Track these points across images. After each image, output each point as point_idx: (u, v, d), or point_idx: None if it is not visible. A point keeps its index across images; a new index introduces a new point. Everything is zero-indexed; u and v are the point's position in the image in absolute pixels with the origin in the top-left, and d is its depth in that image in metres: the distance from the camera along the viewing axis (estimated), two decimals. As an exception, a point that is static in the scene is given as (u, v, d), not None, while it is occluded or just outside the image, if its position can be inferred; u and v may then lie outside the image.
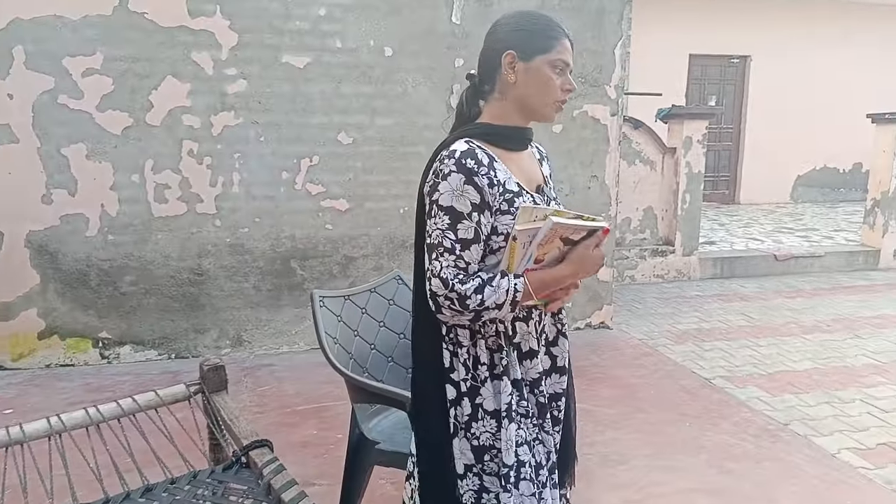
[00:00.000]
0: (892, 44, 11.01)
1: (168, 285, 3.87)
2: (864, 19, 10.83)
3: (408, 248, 4.19)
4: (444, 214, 1.24)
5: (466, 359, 1.33)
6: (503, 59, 1.32)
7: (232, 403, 2.00)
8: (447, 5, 3.99)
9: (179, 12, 3.62)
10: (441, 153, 1.28)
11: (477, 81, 1.39)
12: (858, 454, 2.87)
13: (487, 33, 1.38)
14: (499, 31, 1.36)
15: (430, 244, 1.26)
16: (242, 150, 3.84)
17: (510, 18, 1.37)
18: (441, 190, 1.24)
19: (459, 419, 1.34)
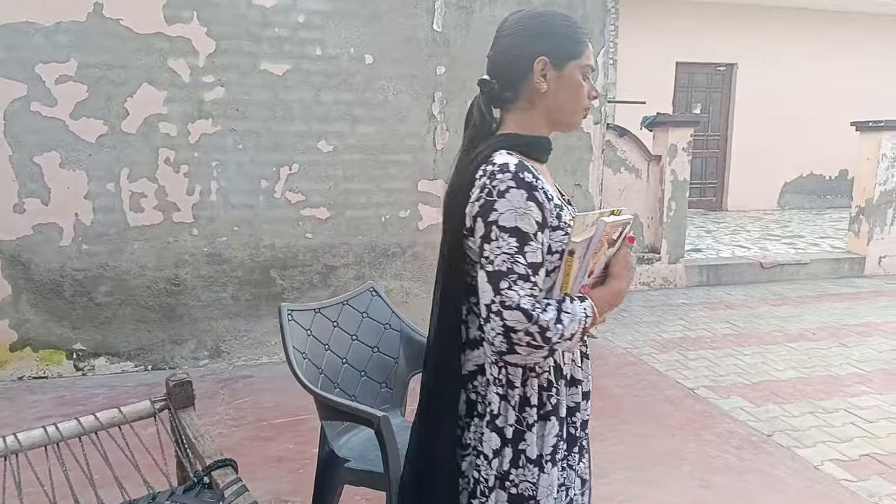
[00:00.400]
0: (876, 53, 11.11)
1: (144, 295, 3.80)
2: (849, 29, 10.93)
3: (389, 257, 4.14)
4: (510, 236, 1.08)
5: (517, 402, 1.19)
6: (535, 65, 1.20)
7: (198, 420, 1.94)
8: (428, 13, 3.96)
9: (155, 19, 3.57)
10: (485, 168, 1.14)
11: (496, 88, 1.24)
12: (841, 466, 2.84)
13: (505, 34, 1.24)
14: (524, 33, 1.22)
15: (496, 272, 1.08)
16: (220, 158, 3.78)
17: (536, 20, 1.23)
18: (499, 209, 1.09)
19: (500, 470, 1.19)
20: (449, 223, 1.19)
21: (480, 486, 1.21)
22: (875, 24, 11.03)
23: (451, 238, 1.19)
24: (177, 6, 3.59)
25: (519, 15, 1.26)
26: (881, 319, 5.14)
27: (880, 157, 6.60)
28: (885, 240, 6.81)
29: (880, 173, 6.65)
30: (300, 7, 3.77)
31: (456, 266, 1.20)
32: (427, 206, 4.17)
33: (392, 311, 2.27)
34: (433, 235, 4.19)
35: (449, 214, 1.19)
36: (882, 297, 5.90)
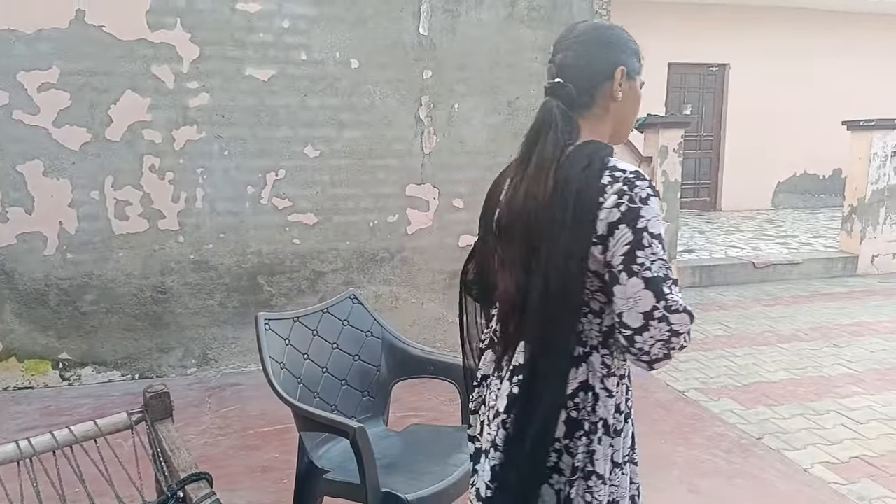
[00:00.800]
0: (867, 53, 11.12)
1: (130, 304, 3.77)
2: (840, 29, 10.95)
3: (378, 262, 4.12)
4: (658, 243, 1.08)
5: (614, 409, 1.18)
6: (616, 73, 1.22)
7: (176, 432, 1.91)
8: (414, 17, 3.94)
9: (139, 25, 3.55)
10: (614, 175, 1.11)
11: (573, 93, 1.21)
12: (831, 468, 2.82)
13: (581, 41, 1.24)
14: (603, 41, 1.24)
15: (655, 278, 1.06)
16: (206, 164, 3.76)
17: (611, 31, 1.27)
18: (646, 216, 1.08)
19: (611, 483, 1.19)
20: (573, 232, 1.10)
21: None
22: (865, 24, 11.05)
23: (576, 246, 1.11)
24: (160, 12, 3.56)
25: (590, 24, 1.29)
26: (873, 319, 5.13)
27: (872, 156, 6.60)
28: (877, 238, 6.81)
29: (872, 172, 6.64)
30: (285, 12, 3.75)
31: (576, 277, 1.12)
32: (415, 211, 4.14)
33: (374, 318, 2.25)
34: (422, 240, 4.17)
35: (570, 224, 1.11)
36: (874, 296, 5.89)
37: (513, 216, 1.21)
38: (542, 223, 1.13)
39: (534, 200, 1.15)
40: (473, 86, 4.11)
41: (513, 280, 1.19)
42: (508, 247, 1.22)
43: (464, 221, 4.24)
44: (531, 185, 1.16)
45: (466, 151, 4.18)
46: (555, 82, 1.23)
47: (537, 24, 4.14)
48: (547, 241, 1.13)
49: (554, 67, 1.25)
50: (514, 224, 1.20)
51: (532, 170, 1.18)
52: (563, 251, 1.11)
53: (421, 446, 2.02)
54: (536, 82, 4.19)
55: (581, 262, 1.11)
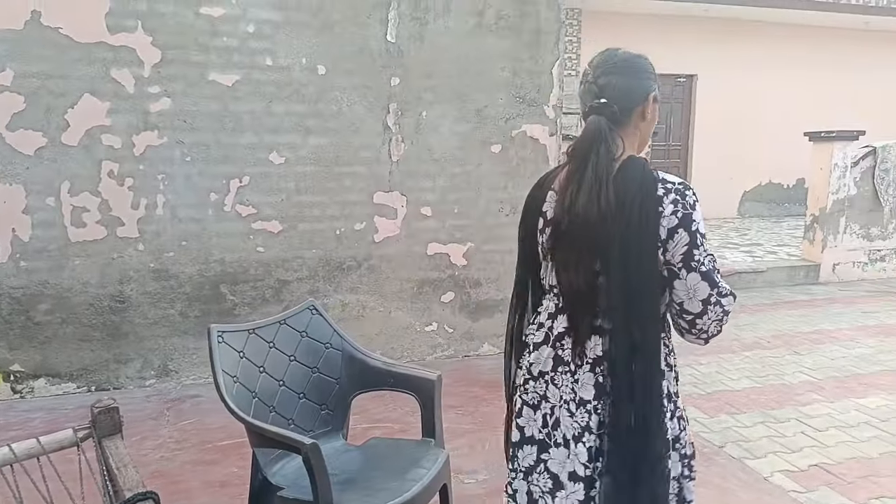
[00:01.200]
0: (831, 65, 11.43)
1: (87, 313, 3.66)
2: (804, 42, 11.23)
3: (345, 271, 4.07)
4: (706, 241, 1.33)
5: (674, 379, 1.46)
6: (650, 95, 1.42)
7: (125, 449, 1.85)
8: (381, 24, 3.92)
9: (97, 28, 3.46)
10: (667, 186, 1.31)
11: (617, 112, 1.39)
12: (790, 476, 2.85)
13: (622, 67, 1.42)
14: (640, 70, 1.44)
15: (709, 271, 1.31)
16: (167, 170, 3.68)
17: (643, 60, 1.46)
18: (696, 219, 1.31)
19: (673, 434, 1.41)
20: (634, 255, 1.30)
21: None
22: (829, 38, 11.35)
23: (646, 249, 1.30)
24: (120, 15, 3.48)
25: (626, 53, 1.45)
26: (833, 326, 5.24)
27: (832, 166, 6.76)
28: (837, 247, 6.97)
29: (833, 182, 6.80)
30: (250, 16, 3.69)
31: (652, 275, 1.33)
32: (383, 219, 4.11)
33: (333, 329, 2.20)
34: (389, 248, 4.14)
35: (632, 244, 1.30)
36: (835, 303, 6.02)
37: (575, 222, 1.34)
38: (610, 230, 1.30)
39: (597, 209, 1.30)
40: (441, 94, 4.10)
41: (581, 278, 1.35)
42: (570, 248, 1.37)
43: (432, 229, 4.22)
44: (591, 194, 1.31)
45: (434, 159, 4.16)
46: (601, 102, 1.39)
47: (505, 34, 4.15)
48: (618, 245, 1.31)
49: (596, 88, 1.41)
50: (577, 229, 1.34)
51: (589, 180, 1.32)
52: (636, 253, 1.30)
53: (380, 461, 1.98)
54: (504, 91, 4.20)
55: (653, 261, 1.31)
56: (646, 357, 1.33)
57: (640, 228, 1.29)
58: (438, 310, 4.32)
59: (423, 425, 2.10)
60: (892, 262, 7.26)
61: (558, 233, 1.39)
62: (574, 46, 10.18)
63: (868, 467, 2.94)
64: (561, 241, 1.39)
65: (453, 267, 4.31)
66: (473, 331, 4.41)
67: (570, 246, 1.37)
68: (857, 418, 3.47)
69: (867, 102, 11.56)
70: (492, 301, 4.41)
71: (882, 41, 11.73)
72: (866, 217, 7.13)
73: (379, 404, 3.52)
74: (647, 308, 1.33)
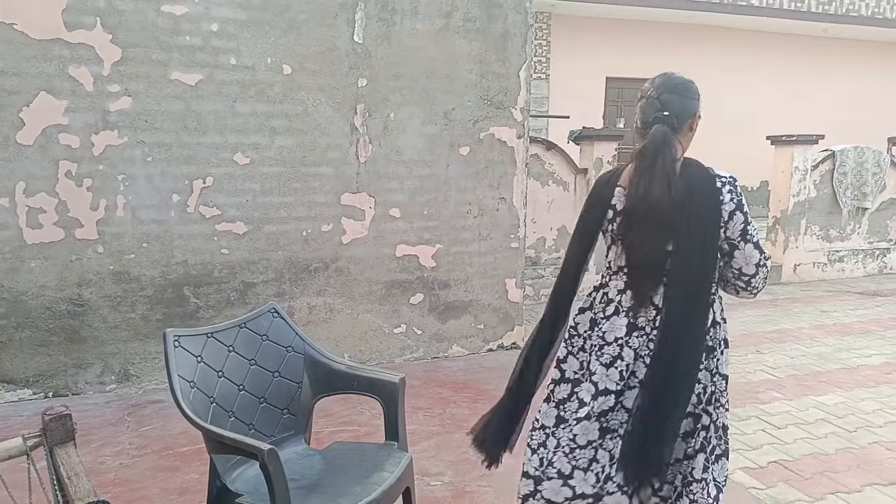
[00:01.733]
0: (790, 70, 11.73)
1: (44, 318, 3.56)
2: (769, 48, 11.50)
3: (312, 273, 4.03)
4: (751, 219, 1.75)
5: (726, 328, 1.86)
6: (697, 113, 1.83)
7: (77, 458, 1.80)
8: (348, 24, 3.89)
9: (54, 24, 3.37)
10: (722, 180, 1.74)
11: (675, 123, 1.76)
12: (750, 474, 2.91)
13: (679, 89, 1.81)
14: (691, 92, 1.82)
15: (757, 242, 1.76)
16: (128, 171, 3.60)
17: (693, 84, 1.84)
18: (745, 204, 1.74)
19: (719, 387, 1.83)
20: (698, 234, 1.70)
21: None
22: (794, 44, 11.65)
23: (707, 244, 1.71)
24: (77, 11, 3.40)
25: (681, 77, 1.84)
26: (794, 325, 5.36)
27: (793, 170, 6.94)
28: (799, 248, 7.15)
29: (794, 185, 6.98)
30: (213, 15, 3.63)
31: (714, 250, 1.73)
32: (351, 220, 4.08)
33: (295, 332, 2.18)
34: (357, 249, 4.11)
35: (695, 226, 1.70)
36: (796, 303, 6.17)
37: (648, 209, 1.70)
38: (682, 214, 1.69)
39: (669, 199, 1.68)
40: (409, 95, 4.09)
41: (651, 253, 1.73)
42: (643, 230, 1.73)
43: (401, 231, 4.20)
44: (662, 187, 1.68)
45: (403, 161, 4.15)
46: (664, 114, 1.76)
47: (473, 36, 4.16)
48: (688, 226, 1.69)
49: (658, 103, 1.78)
50: (650, 214, 1.70)
51: (659, 176, 1.69)
52: (703, 231, 1.70)
53: (342, 465, 1.96)
54: (472, 93, 4.21)
55: (717, 237, 1.72)
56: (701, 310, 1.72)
57: (708, 213, 1.70)
58: (407, 312, 4.31)
59: (387, 428, 2.08)
60: (850, 262, 7.48)
61: (630, 219, 1.76)
62: (544, 50, 10.27)
63: (825, 463, 3.01)
64: (633, 225, 1.75)
65: (422, 268, 4.30)
66: (442, 332, 4.41)
67: (643, 228, 1.73)
68: (814, 415, 3.55)
69: (826, 107, 11.89)
70: (461, 302, 4.41)
71: (840, 48, 12.08)
72: (826, 219, 7.33)
73: (346, 407, 3.50)
74: (710, 273, 1.73)
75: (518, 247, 4.51)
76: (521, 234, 4.51)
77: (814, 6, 11.01)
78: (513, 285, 4.53)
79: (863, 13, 11.36)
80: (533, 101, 10.11)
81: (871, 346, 4.81)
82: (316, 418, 3.12)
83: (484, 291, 4.46)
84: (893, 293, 6.69)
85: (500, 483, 2.76)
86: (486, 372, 4.13)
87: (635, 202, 1.73)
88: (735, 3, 10.50)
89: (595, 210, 1.85)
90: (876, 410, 3.62)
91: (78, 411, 3.40)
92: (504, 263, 4.49)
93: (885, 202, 7.69)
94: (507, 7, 4.23)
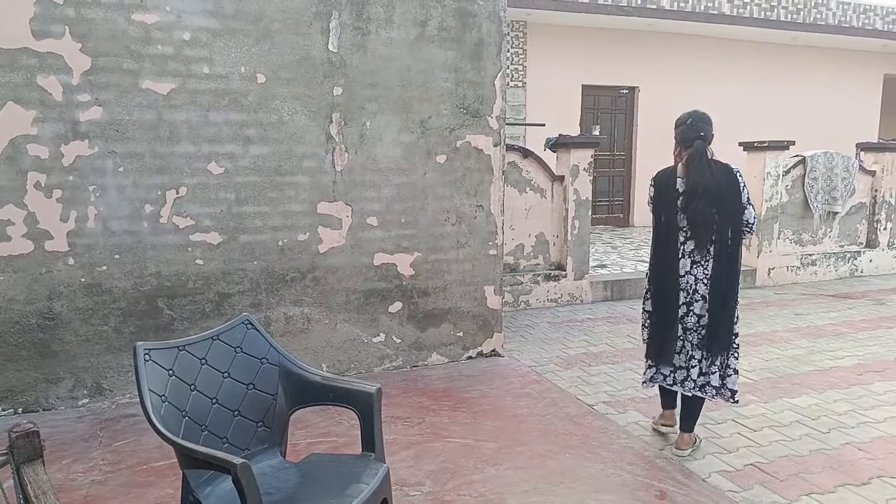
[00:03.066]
0: (761, 77, 11.95)
1: (12, 332, 3.48)
2: (741, 56, 11.71)
3: (288, 283, 4.00)
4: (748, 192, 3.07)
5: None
6: (713, 134, 3.09)
7: (45, 475, 1.76)
8: (323, 33, 3.88)
9: (21, 33, 3.31)
10: (736, 170, 3.03)
11: (706, 140, 3.06)
12: (727, 477, 2.94)
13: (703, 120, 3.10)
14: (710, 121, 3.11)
15: (752, 204, 3.05)
16: (99, 181, 3.54)
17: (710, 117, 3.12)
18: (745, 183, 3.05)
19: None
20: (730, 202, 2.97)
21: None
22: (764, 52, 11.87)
23: (735, 208, 2.97)
24: (45, 20, 3.34)
25: (704, 112, 3.11)
26: (769, 328, 5.44)
27: (765, 175, 7.06)
28: (772, 253, 7.27)
29: (766, 190, 7.10)
30: (185, 24, 3.60)
31: (741, 211, 2.99)
32: (327, 229, 4.06)
33: (270, 344, 2.15)
34: (334, 258, 4.09)
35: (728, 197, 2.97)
36: (771, 307, 6.27)
37: (701, 188, 2.95)
38: (719, 192, 2.94)
39: (711, 181, 2.94)
40: (385, 104, 4.09)
41: (705, 215, 2.96)
42: (700, 201, 2.96)
43: (378, 239, 4.19)
44: (705, 175, 2.96)
45: (379, 169, 4.14)
46: (701, 135, 3.03)
47: (448, 45, 4.18)
48: (725, 199, 2.95)
49: (696, 128, 3.06)
50: (703, 192, 2.95)
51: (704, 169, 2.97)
52: (733, 201, 2.97)
53: (318, 478, 1.94)
54: (448, 102, 4.22)
55: (739, 204, 2.97)
56: (736, 250, 3.02)
57: (732, 189, 2.97)
58: (386, 320, 4.29)
59: (364, 439, 2.07)
60: (822, 266, 7.62)
61: (690, 195, 2.99)
62: (520, 58, 10.34)
63: (799, 465, 3.05)
64: (692, 199, 2.98)
65: (400, 277, 4.28)
66: (422, 341, 4.40)
67: (699, 200, 2.96)
68: (789, 417, 3.60)
69: (797, 113, 12.13)
70: (439, 310, 4.41)
71: (809, 55, 12.35)
72: (798, 223, 7.47)
73: (325, 418, 3.47)
74: (740, 222, 3.00)
75: (496, 254, 4.52)
76: (499, 241, 4.52)
77: (783, 15, 11.25)
78: (491, 292, 4.54)
79: (830, 22, 11.63)
80: (510, 109, 10.17)
81: (843, 348, 4.90)
82: (294, 430, 3.09)
83: (463, 299, 4.46)
84: (864, 295, 6.83)
85: (479, 492, 2.75)
86: (466, 380, 4.13)
87: (691, 185, 2.99)
88: (707, 13, 10.68)
89: (665, 193, 3.11)
90: (848, 412, 3.68)
91: (48, 427, 3.33)
92: (482, 271, 4.49)
93: (854, 206, 7.86)
94: (482, 17, 4.25)
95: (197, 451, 1.61)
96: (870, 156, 8.08)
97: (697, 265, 3.03)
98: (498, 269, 4.55)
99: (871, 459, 3.11)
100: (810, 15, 11.49)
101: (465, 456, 3.08)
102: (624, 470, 2.96)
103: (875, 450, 3.22)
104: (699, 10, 10.64)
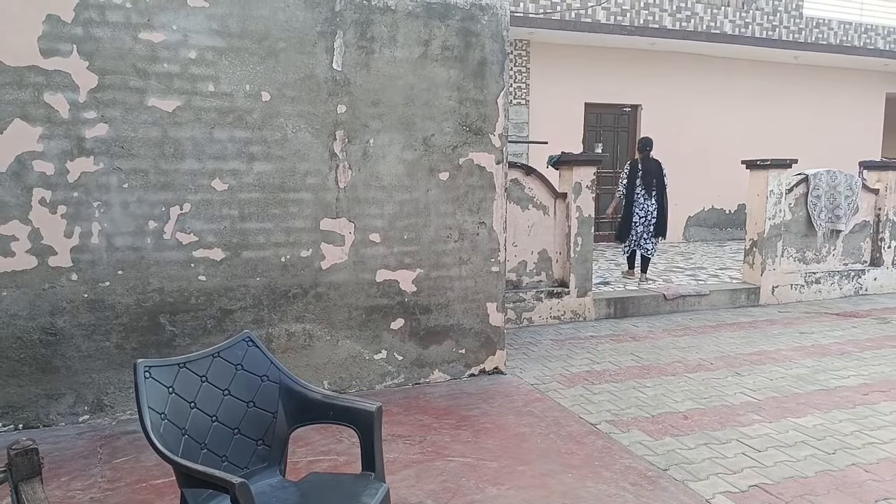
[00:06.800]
0: (763, 95, 12.00)
1: (14, 347, 3.48)
2: (741, 74, 11.78)
3: (290, 299, 4.00)
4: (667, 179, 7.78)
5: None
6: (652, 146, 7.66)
7: (43, 493, 1.75)
8: (327, 52, 3.92)
9: (29, 51, 3.36)
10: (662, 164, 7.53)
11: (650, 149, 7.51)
12: (731, 498, 2.90)
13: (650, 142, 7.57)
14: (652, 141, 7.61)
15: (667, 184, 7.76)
16: (103, 197, 3.56)
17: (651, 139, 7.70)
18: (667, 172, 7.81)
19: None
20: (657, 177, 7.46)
21: None
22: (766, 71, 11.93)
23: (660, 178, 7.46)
24: (53, 39, 3.39)
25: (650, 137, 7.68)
26: (773, 347, 5.41)
27: (768, 193, 7.06)
28: (776, 270, 7.24)
29: (769, 208, 7.09)
30: (191, 42, 3.64)
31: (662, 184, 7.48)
32: (330, 246, 4.07)
33: (270, 361, 2.15)
34: (337, 275, 4.09)
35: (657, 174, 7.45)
36: (775, 325, 6.23)
37: (650, 171, 7.39)
38: (656, 171, 7.43)
39: (654, 168, 7.44)
40: (389, 122, 4.12)
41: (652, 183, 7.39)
42: (649, 176, 7.38)
43: (381, 256, 4.20)
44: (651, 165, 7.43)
45: (382, 186, 4.16)
46: (648, 147, 7.47)
47: (451, 64, 4.22)
48: (657, 175, 7.43)
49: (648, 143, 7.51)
50: (648, 174, 7.38)
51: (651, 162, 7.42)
52: (660, 178, 7.45)
53: (317, 498, 1.93)
54: (451, 120, 4.25)
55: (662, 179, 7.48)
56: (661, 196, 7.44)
57: (660, 173, 7.42)
58: (388, 337, 4.28)
59: (364, 458, 2.05)
60: (826, 284, 7.59)
61: (644, 173, 7.36)
62: (523, 76, 10.42)
63: (804, 486, 3.02)
64: (646, 175, 7.35)
65: (403, 294, 4.28)
66: (424, 358, 4.38)
67: (649, 176, 7.36)
68: (794, 438, 3.57)
69: (799, 132, 12.17)
70: (441, 327, 4.40)
71: (811, 74, 12.42)
72: (801, 241, 7.46)
73: (326, 436, 3.45)
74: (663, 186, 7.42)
75: (498, 271, 4.52)
76: (502, 258, 4.52)
77: (784, 35, 11.33)
78: (494, 309, 4.53)
79: (831, 41, 11.71)
80: (513, 127, 10.23)
81: (848, 367, 4.86)
82: (295, 447, 3.08)
83: (465, 316, 4.46)
84: (869, 314, 6.79)
85: (480, 512, 2.72)
86: (468, 398, 4.10)
87: (645, 169, 7.34)
88: (709, 32, 10.77)
89: (634, 172, 7.39)
90: (854, 432, 3.65)
91: (48, 443, 3.32)
92: (485, 287, 4.49)
93: (858, 224, 7.85)
94: (485, 36, 4.29)
95: (195, 469, 1.60)
96: (873, 174, 8.08)
97: (649, 197, 7.32)
98: (500, 286, 4.55)
99: (878, 481, 3.08)
100: (812, 35, 11.57)
101: (466, 475, 3.05)
102: (627, 490, 2.92)
103: (881, 471, 3.18)
104: (701, 29, 10.73)
